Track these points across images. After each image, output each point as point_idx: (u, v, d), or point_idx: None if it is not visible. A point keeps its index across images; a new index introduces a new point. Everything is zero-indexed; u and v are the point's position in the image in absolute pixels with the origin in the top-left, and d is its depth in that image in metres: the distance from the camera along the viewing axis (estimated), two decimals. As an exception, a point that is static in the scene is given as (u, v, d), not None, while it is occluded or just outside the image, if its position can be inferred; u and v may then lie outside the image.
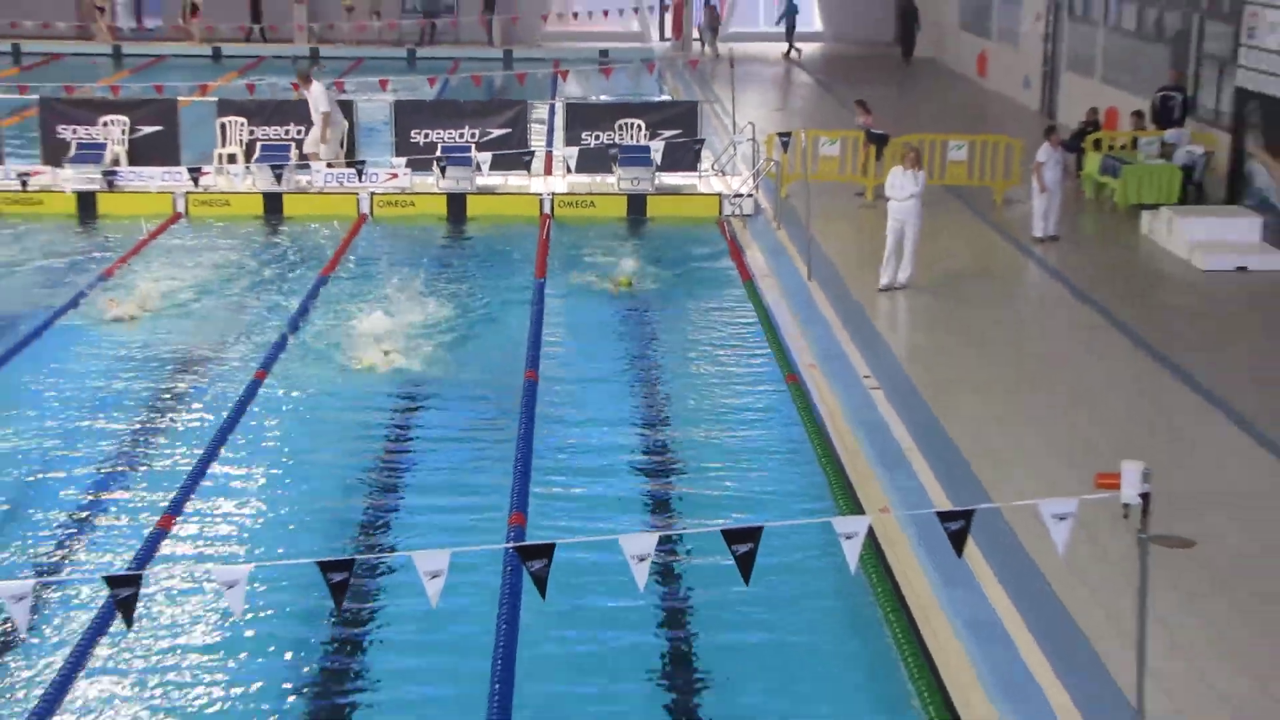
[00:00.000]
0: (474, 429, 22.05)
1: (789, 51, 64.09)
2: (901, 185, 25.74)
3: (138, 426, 22.29)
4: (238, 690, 14.97)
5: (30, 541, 18.50)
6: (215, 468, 20.08)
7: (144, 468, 20.62)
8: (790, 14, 65.44)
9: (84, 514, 19.23)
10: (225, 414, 22.07)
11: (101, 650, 15.39)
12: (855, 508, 17.76)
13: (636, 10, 70.69)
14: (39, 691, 14.65)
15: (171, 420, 22.50)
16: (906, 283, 26.03)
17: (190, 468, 19.92)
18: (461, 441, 21.61)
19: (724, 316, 28.00)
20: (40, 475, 20.43)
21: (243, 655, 15.52)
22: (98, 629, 15.55)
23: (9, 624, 15.54)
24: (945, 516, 11.69)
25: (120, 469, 20.70)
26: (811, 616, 16.03)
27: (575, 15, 70.56)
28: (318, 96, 37.15)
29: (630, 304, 29.60)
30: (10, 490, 19.82)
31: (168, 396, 23.49)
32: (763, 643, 15.53)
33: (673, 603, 16.50)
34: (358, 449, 21.32)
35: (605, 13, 68.97)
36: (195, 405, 23.03)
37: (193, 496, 19.20)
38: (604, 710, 14.52)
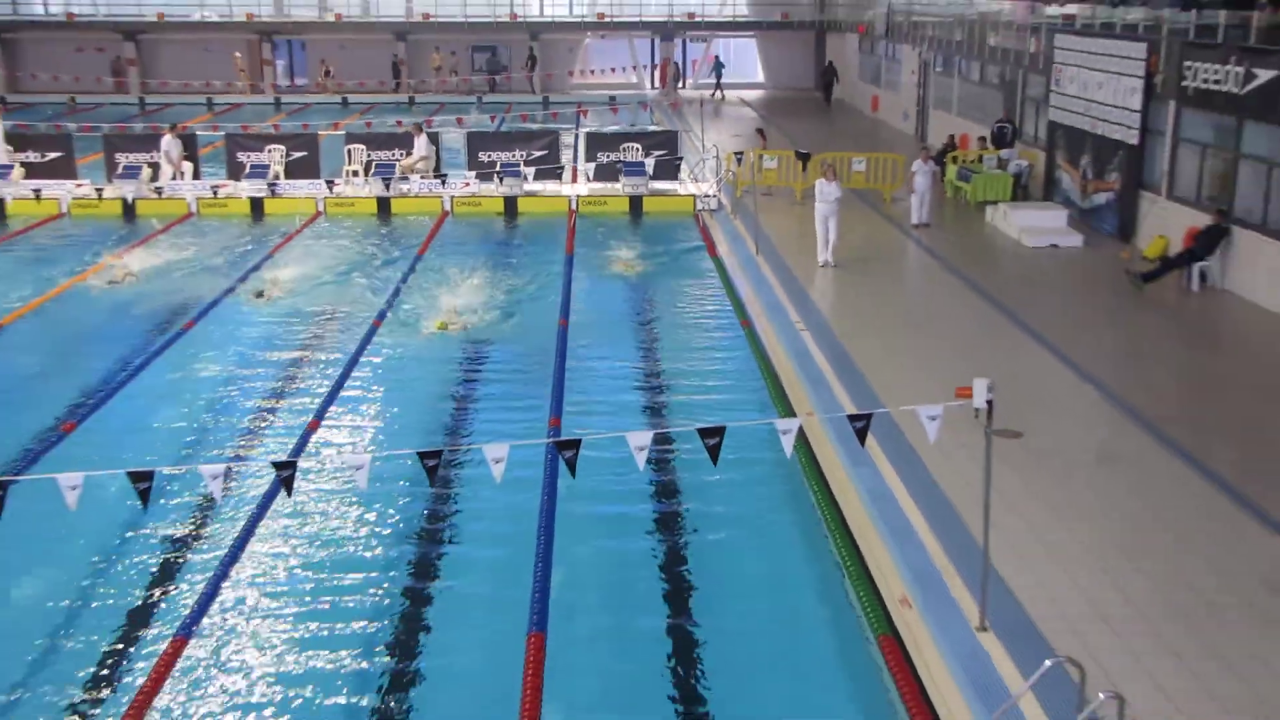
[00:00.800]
0: (523, 361, 22.01)
1: (714, 93, 63.87)
2: (826, 192, 25.95)
3: (291, 360, 22.30)
4: (363, 533, 15.09)
5: (222, 439, 18.62)
6: (345, 391, 20.08)
7: (295, 390, 20.62)
8: (718, 69, 65.81)
9: (256, 422, 19.29)
10: (351, 352, 22.10)
11: (269, 521, 15.44)
12: (789, 412, 17.80)
13: (634, 68, 70.61)
14: (230, 541, 14.75)
15: (314, 356, 22.48)
16: (833, 261, 25.97)
17: (327, 389, 19.94)
18: (514, 370, 21.62)
19: (697, 280, 27.98)
20: (226, 397, 20.51)
21: (369, 520, 15.58)
22: (267, 501, 15.61)
23: (210, 498, 15.57)
24: (853, 418, 11.61)
25: (280, 390, 20.73)
26: (760, 489, 16.04)
27: (592, 71, 70.40)
28: (421, 143, 37.54)
29: (632, 257, 29.72)
30: (206, 410, 19.90)
31: (310, 344, 23.45)
32: (726, 510, 15.60)
33: (661, 479, 16.49)
34: (441, 377, 21.29)
35: (613, 69, 69.73)
36: (331, 348, 22.96)
37: (330, 409, 19.21)
38: (615, 549, 14.58)
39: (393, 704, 11.73)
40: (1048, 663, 9.62)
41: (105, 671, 12.35)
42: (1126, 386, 18.43)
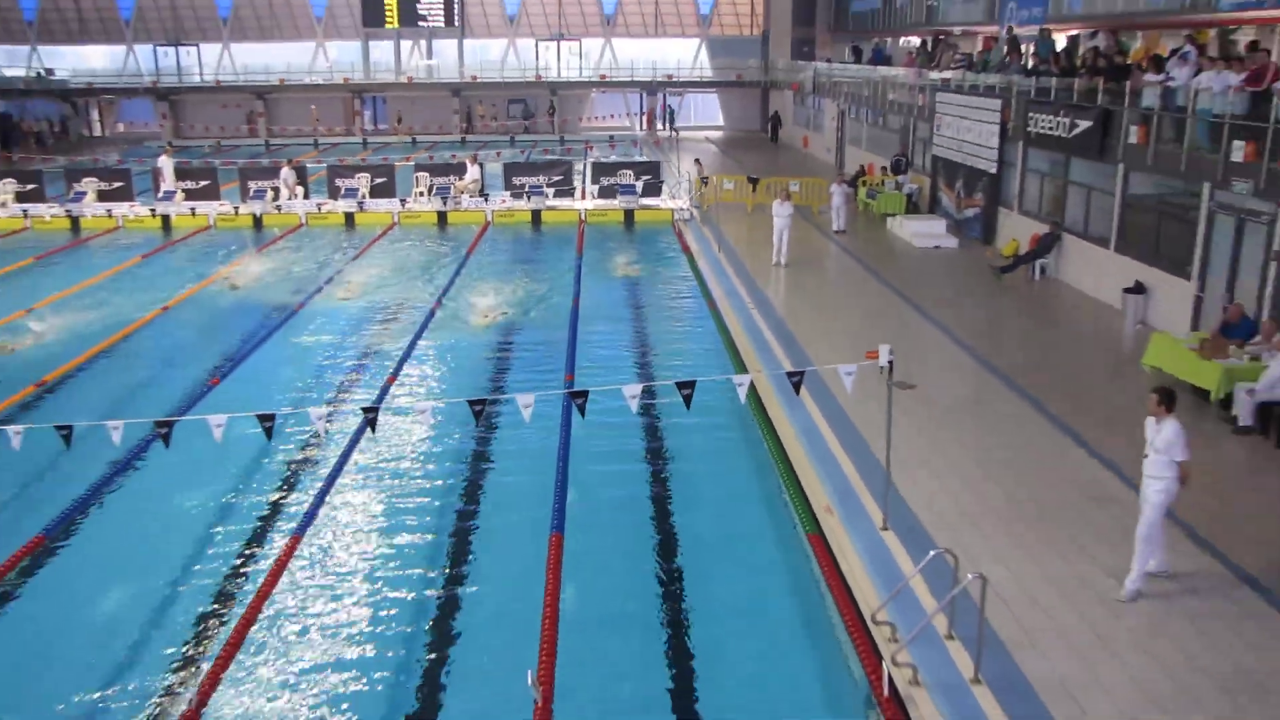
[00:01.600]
0: (545, 335, 21.88)
1: (668, 131, 64.55)
2: (779, 211, 25.69)
3: (374, 332, 22.20)
4: (427, 461, 15.08)
5: (324, 390, 18.57)
6: (414, 354, 20.04)
7: (377, 354, 20.54)
8: (670, 114, 67.22)
9: (344, 380, 19.21)
10: (419, 324, 22.07)
11: (359, 453, 15.47)
12: (743, 370, 17.74)
13: (628, 114, 70.50)
14: (332, 464, 14.80)
15: (391, 328, 22.40)
16: (785, 263, 25.62)
17: (401, 353, 19.88)
18: (538, 342, 21.43)
19: (674, 273, 27.74)
20: (328, 359, 20.40)
21: (431, 450, 15.60)
22: (357, 437, 15.61)
23: (316, 434, 15.58)
24: (790, 374, 11.62)
25: (366, 352, 20.64)
26: (721, 428, 16.02)
27: (597, 117, 70.44)
28: (473, 170, 37.42)
29: (626, 255, 29.59)
30: (308, 375, 19.76)
31: (387, 319, 23.44)
32: (697, 444, 15.58)
33: (648, 421, 16.49)
34: (484, 343, 21.21)
35: (611, 115, 70.38)
36: (404, 321, 22.88)
37: (403, 369, 19.17)
38: (614, 472, 14.57)
39: (453, 585, 11.80)
40: (931, 553, 9.69)
41: (247, 552, 12.44)
42: (987, 349, 18.49)
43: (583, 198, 37.51)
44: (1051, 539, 11.30)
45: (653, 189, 36.77)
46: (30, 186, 37.36)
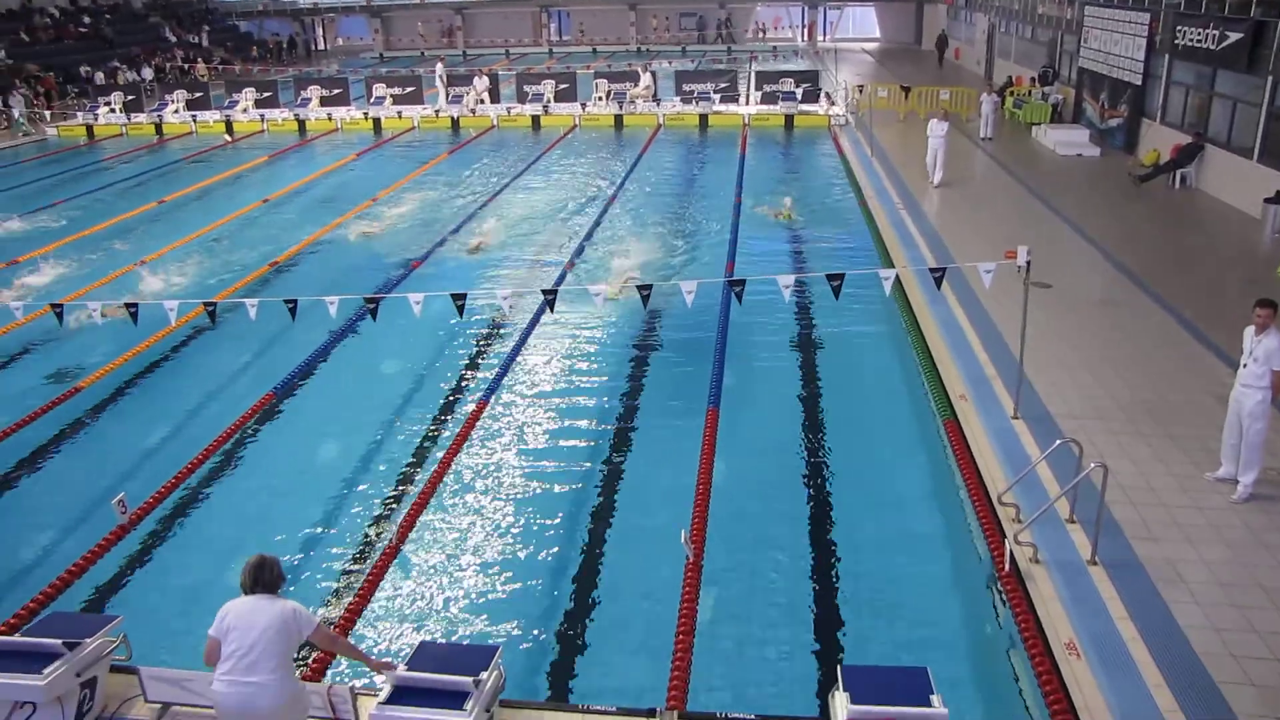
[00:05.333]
0: (710, 223, 21.72)
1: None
2: (935, 130, 23.37)
3: (550, 233, 22.32)
4: (601, 337, 15.23)
5: (509, 270, 18.85)
6: (599, 229, 20.18)
7: (566, 229, 20.77)
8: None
9: (527, 261, 19.43)
10: (607, 197, 22.32)
11: (537, 337, 15.72)
12: (889, 264, 17.29)
13: (790, 27, 68.52)
14: (513, 342, 15.10)
15: (582, 198, 22.89)
16: (942, 182, 23.43)
17: (587, 228, 19.99)
18: (701, 231, 21.22)
19: (829, 168, 27.22)
20: (521, 236, 20.68)
21: (608, 329, 15.74)
22: (538, 316, 15.85)
23: (505, 313, 15.87)
24: (933, 270, 11.26)
25: (540, 255, 20.79)
26: (867, 317, 15.69)
27: (762, 29, 68.60)
28: (646, 78, 37.13)
29: (785, 155, 29.22)
30: (492, 261, 20.01)
31: (577, 195, 23.81)
32: (845, 331, 15.37)
33: (800, 308, 16.31)
34: (657, 232, 21.14)
35: (775, 27, 68.67)
36: (593, 197, 23.62)
37: (584, 250, 19.29)
38: (769, 356, 14.50)
39: (618, 453, 12.01)
40: (1057, 442, 9.37)
41: (440, 415, 12.89)
42: (1124, 254, 17.52)
43: (746, 103, 36.79)
44: (1175, 437, 10.78)
45: (811, 96, 35.81)
46: (266, 94, 38.72)
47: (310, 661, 7.90)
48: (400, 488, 11.22)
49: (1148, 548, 8.76)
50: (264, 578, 6.29)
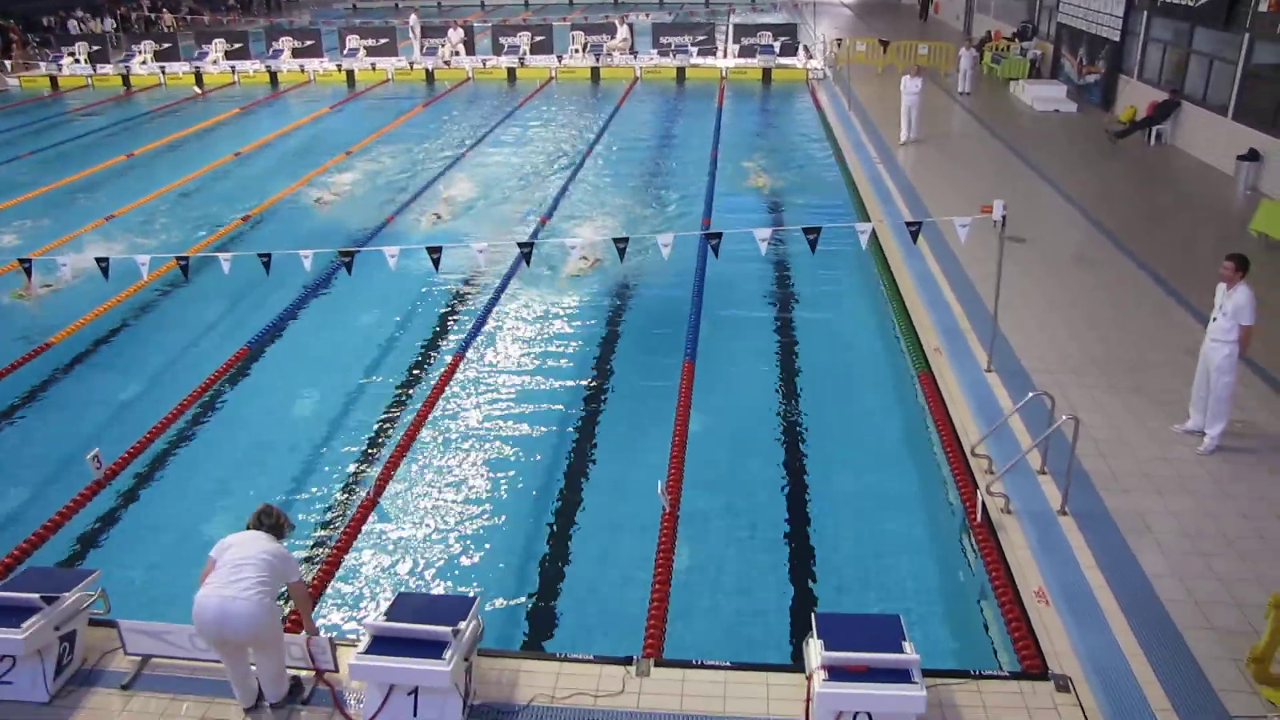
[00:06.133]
0: (687, 172, 21.68)
1: None
2: (909, 86, 22.92)
3: (526, 188, 22.27)
4: (586, 278, 15.25)
5: (482, 223, 18.77)
6: (577, 180, 20.06)
7: (541, 179, 20.71)
8: None
9: (502, 213, 19.35)
10: (583, 150, 22.24)
11: (517, 284, 15.70)
12: (866, 218, 17.33)
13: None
14: (493, 290, 15.10)
15: (560, 151, 22.71)
16: (915, 139, 23.11)
17: (565, 180, 19.87)
18: (679, 181, 21.17)
19: (806, 123, 27.15)
20: (499, 180, 20.57)
21: (595, 270, 15.73)
22: (517, 266, 15.83)
23: (481, 270, 15.83)
24: (909, 224, 11.29)
25: (523, 205, 20.70)
26: (843, 271, 15.81)
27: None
28: (622, 30, 36.95)
29: (762, 110, 29.22)
30: (466, 211, 19.86)
31: (553, 151, 23.74)
32: (821, 285, 15.46)
33: (777, 261, 16.38)
34: (634, 190, 21.09)
35: None
36: (569, 148, 23.89)
37: (564, 197, 19.23)
38: (743, 308, 14.58)
39: (593, 402, 12.08)
40: (1030, 394, 9.50)
41: (419, 359, 12.92)
42: (1099, 210, 17.64)
43: (724, 57, 36.59)
44: (1146, 390, 10.93)
45: (789, 49, 35.68)
46: (237, 46, 38.17)
47: (290, 613, 7.97)
48: (378, 440, 11.25)
49: (1117, 498, 8.92)
50: (266, 520, 6.86)
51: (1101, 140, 23.03)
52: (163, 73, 36.38)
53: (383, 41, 38.31)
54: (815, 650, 6.41)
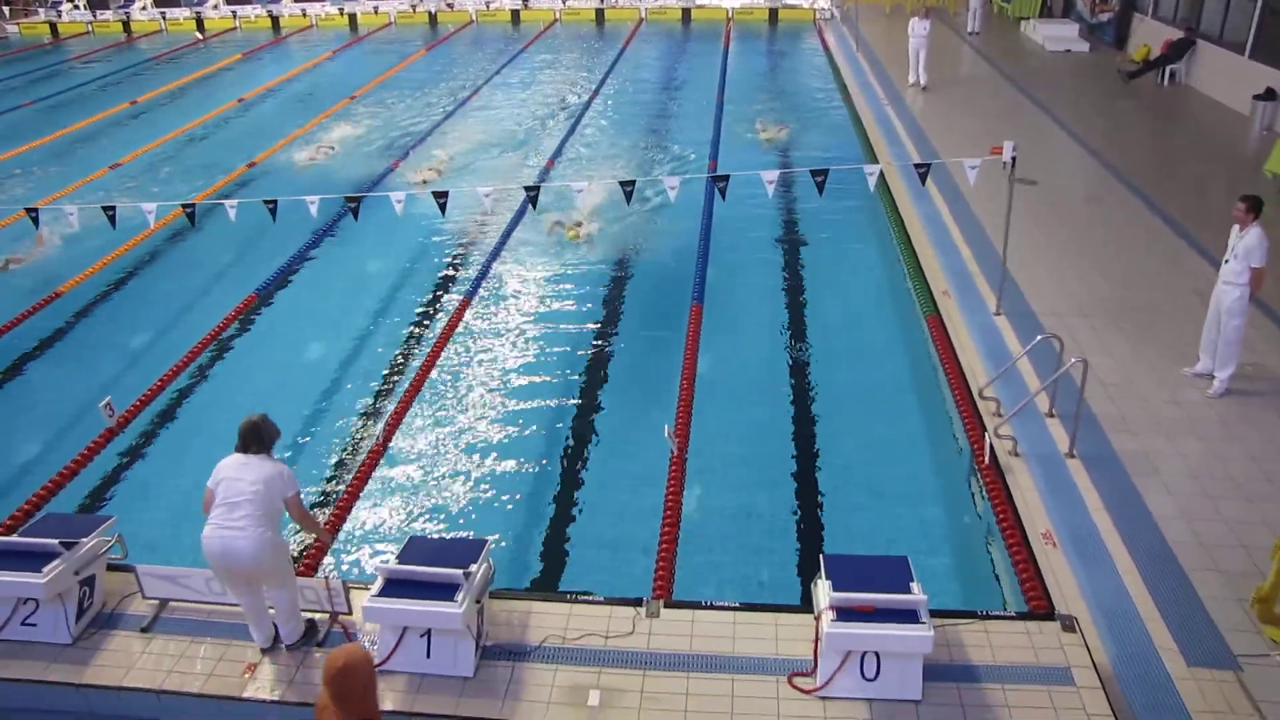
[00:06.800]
0: (694, 110, 21.52)
1: None
2: (917, 29, 22.24)
3: (529, 128, 22.12)
4: (592, 227, 15.21)
5: (486, 161, 18.66)
6: (583, 125, 19.91)
7: (533, 146, 20.54)
8: None
9: (508, 157, 19.24)
10: (592, 88, 22.29)
11: (523, 229, 15.65)
12: (874, 159, 17.17)
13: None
14: (497, 238, 15.08)
15: (563, 96, 22.36)
16: (924, 84, 22.51)
17: (567, 128, 19.74)
18: (686, 120, 21.06)
19: (813, 64, 26.92)
20: (495, 142, 20.42)
21: (598, 219, 15.69)
22: (520, 213, 15.78)
23: (487, 213, 15.81)
24: (917, 166, 11.23)
25: (525, 145, 20.58)
26: (851, 213, 15.74)
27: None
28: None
29: (770, 49, 28.94)
30: (475, 149, 19.75)
31: (562, 88, 23.42)
32: (828, 226, 15.39)
33: (785, 204, 16.30)
34: (639, 122, 20.93)
35: None
36: (580, 87, 23.77)
37: (566, 147, 19.11)
38: (753, 250, 14.56)
39: (603, 343, 12.11)
40: (1039, 337, 9.51)
41: (428, 304, 12.95)
42: (1111, 151, 17.47)
43: (734, -2, 36.31)
44: (1156, 333, 10.92)
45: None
46: (237, -12, 37.84)
47: (304, 556, 8.08)
48: (387, 385, 11.33)
49: (1125, 440, 8.96)
50: (254, 438, 6.70)
51: (1114, 81, 22.75)
52: (163, 18, 36.11)
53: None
54: (824, 591, 6.49)
